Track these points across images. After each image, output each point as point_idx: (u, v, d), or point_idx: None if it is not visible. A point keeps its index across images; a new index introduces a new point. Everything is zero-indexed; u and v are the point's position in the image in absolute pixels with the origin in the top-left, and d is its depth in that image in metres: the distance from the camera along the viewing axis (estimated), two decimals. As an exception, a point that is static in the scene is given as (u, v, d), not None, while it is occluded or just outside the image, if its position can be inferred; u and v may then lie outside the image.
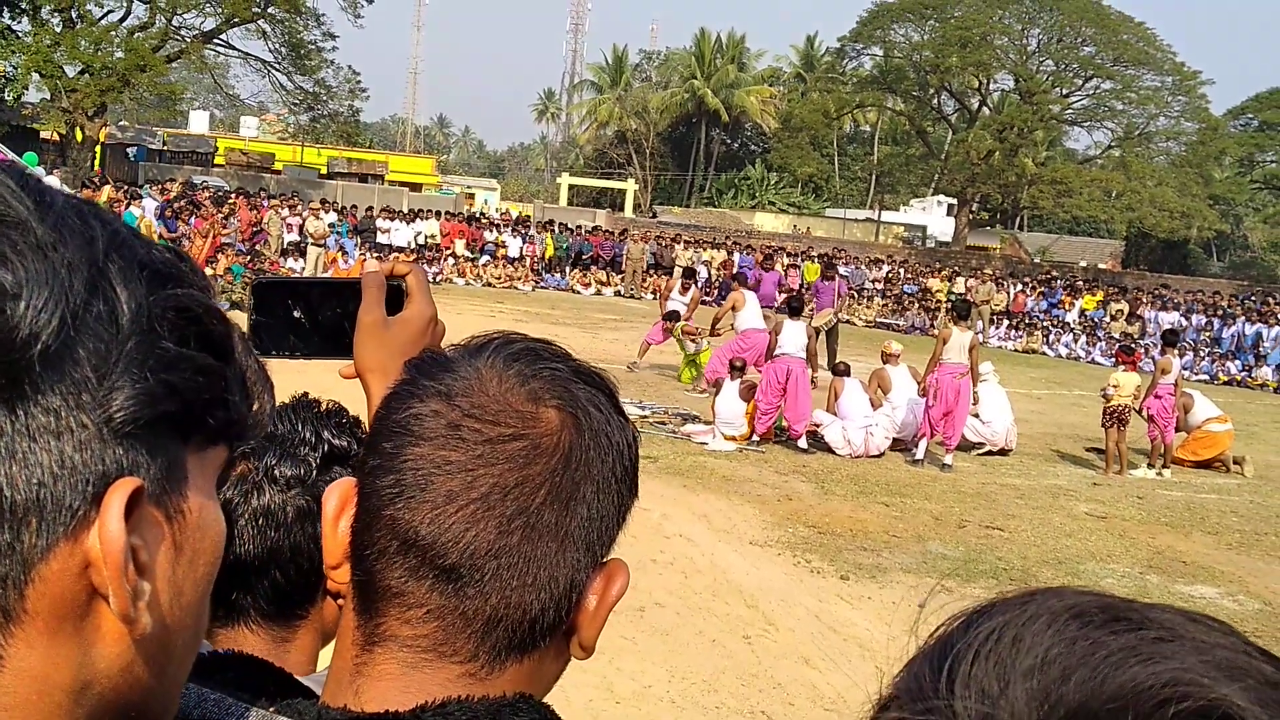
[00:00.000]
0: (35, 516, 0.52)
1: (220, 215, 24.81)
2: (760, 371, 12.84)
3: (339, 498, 0.88)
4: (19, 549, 0.52)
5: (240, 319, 0.72)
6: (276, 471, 1.39)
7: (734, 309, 15.35)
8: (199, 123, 53.65)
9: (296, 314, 1.23)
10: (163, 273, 0.58)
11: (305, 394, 1.51)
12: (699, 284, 17.39)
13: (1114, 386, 13.03)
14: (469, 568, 0.80)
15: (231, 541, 1.37)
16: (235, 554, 1.37)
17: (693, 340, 16.46)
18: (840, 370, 13.25)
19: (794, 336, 12.58)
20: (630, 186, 61.14)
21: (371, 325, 1.18)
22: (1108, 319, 30.70)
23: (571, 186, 61.43)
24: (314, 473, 1.40)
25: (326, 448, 1.43)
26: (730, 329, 15.55)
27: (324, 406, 1.49)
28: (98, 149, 37.10)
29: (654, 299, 18.78)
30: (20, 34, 33.63)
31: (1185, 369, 16.88)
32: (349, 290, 1.22)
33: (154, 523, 0.57)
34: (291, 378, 1.16)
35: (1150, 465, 13.30)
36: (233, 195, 30.11)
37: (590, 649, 0.88)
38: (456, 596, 0.81)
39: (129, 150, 41.78)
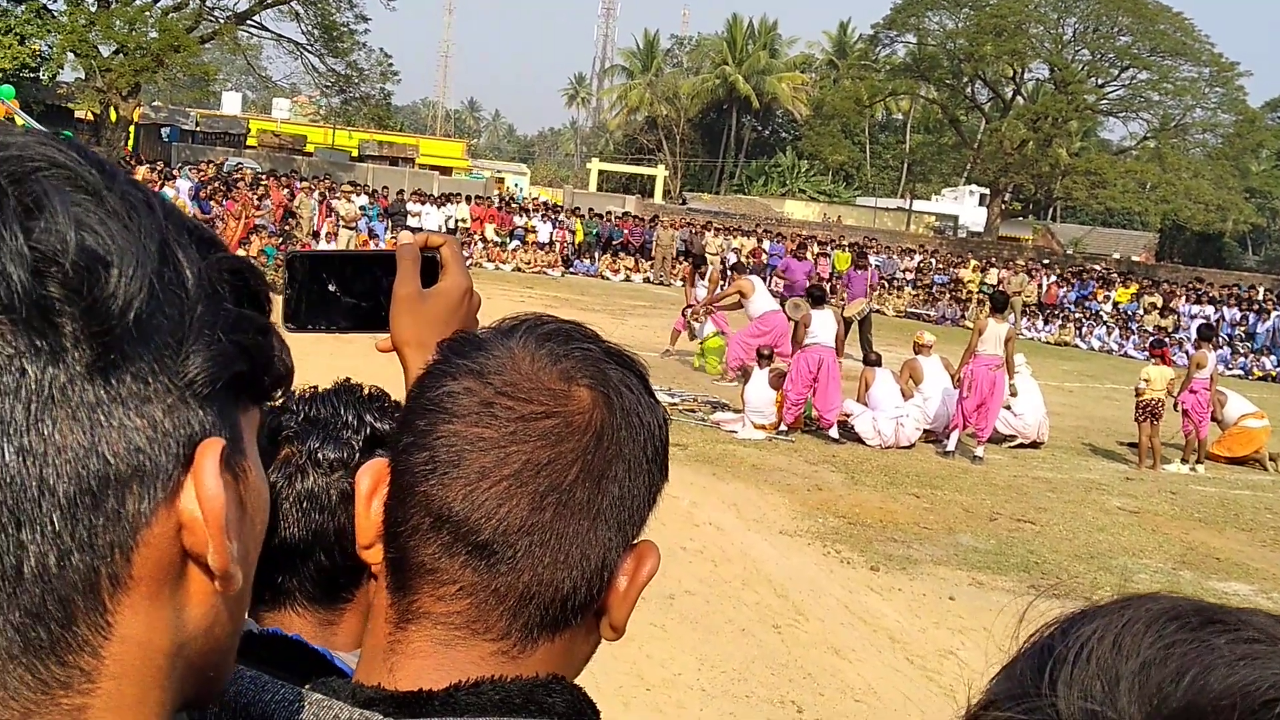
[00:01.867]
0: (137, 481, 0.53)
1: (254, 197, 24.91)
2: (782, 357, 12.83)
3: (372, 477, 0.88)
4: (124, 515, 0.53)
5: (276, 300, 0.71)
6: (320, 455, 1.39)
7: (743, 295, 15.32)
8: (232, 104, 53.88)
9: (331, 288, 1.21)
10: (206, 238, 0.60)
11: (348, 379, 1.50)
12: (710, 267, 17.28)
13: (1145, 380, 12.92)
14: (501, 544, 0.81)
15: (277, 525, 1.37)
16: (280, 538, 1.37)
17: (698, 322, 16.42)
18: (872, 360, 13.17)
19: (824, 326, 12.53)
20: (660, 172, 61.08)
21: (407, 298, 1.18)
22: (1141, 312, 30.44)
23: (601, 172, 61.44)
24: (357, 456, 1.40)
25: (369, 431, 1.43)
26: (745, 317, 15.53)
27: (366, 391, 1.49)
28: (131, 129, 37.33)
29: (683, 285, 18.77)
30: (56, 13, 33.87)
31: (1220, 364, 16.71)
32: (384, 263, 1.21)
33: (228, 482, 0.58)
34: (329, 353, 1.15)
35: (1184, 460, 13.19)
36: (265, 177, 30.24)
37: (621, 630, 0.88)
38: (489, 573, 0.81)
39: (162, 131, 42.01)
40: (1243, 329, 28.94)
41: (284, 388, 0.64)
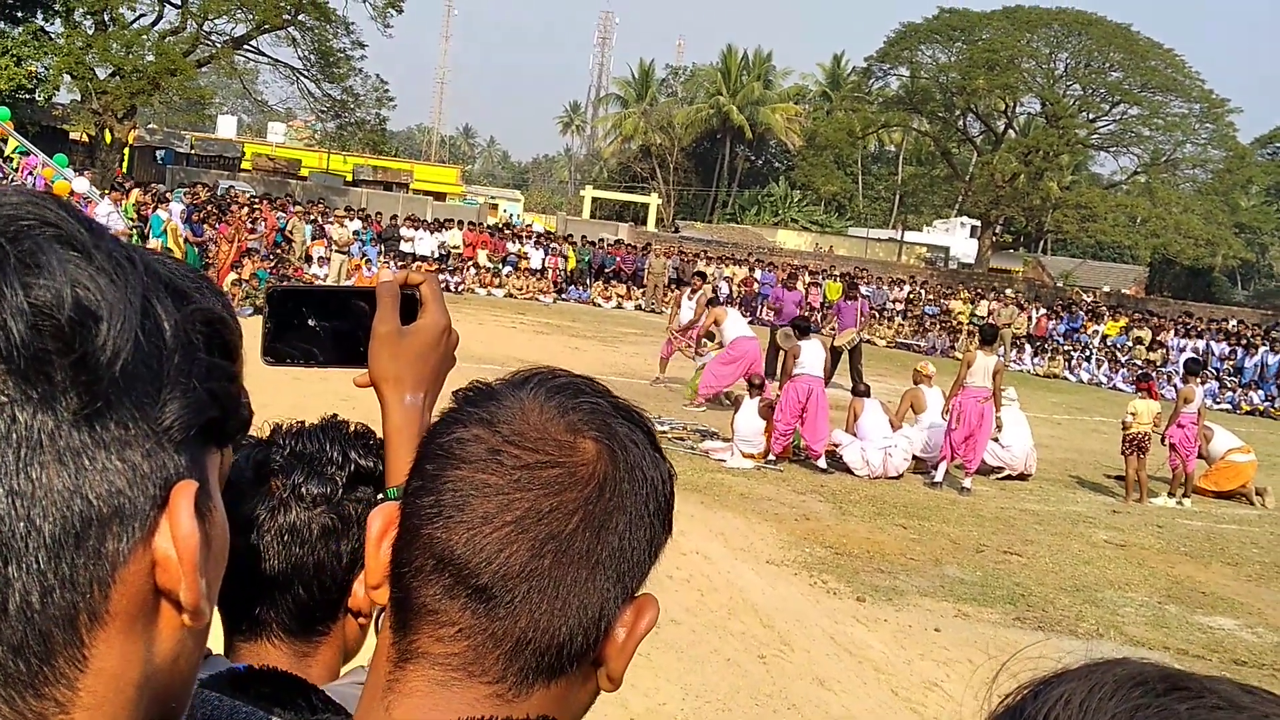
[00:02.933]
0: (117, 522, 0.56)
1: (247, 220, 24.93)
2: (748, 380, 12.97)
3: (384, 520, 0.90)
4: (104, 554, 0.56)
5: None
6: (304, 489, 1.41)
7: (716, 323, 15.52)
8: (227, 128, 54.05)
9: (311, 323, 1.24)
10: (181, 288, 0.62)
11: (334, 415, 1.52)
12: (700, 290, 17.39)
13: (1132, 414, 12.97)
14: (500, 589, 0.82)
15: (258, 557, 1.39)
16: (261, 570, 1.39)
17: (698, 355, 16.50)
18: (860, 391, 13.20)
19: (813, 356, 12.57)
20: (653, 201, 61.28)
21: (386, 335, 1.20)
22: (1130, 345, 30.55)
23: (595, 199, 61.63)
24: (340, 491, 1.42)
25: (353, 467, 1.44)
26: (717, 344, 15.66)
27: (352, 428, 1.51)
28: (126, 151, 37.40)
29: (670, 312, 18.94)
30: (53, 35, 33.97)
31: (1208, 398, 16.77)
32: (364, 300, 1.23)
33: (198, 523, 0.60)
34: (313, 386, 1.18)
35: (1171, 494, 13.22)
36: (259, 201, 30.28)
37: (618, 682, 0.89)
38: (487, 617, 0.83)
39: (157, 153, 42.13)
40: (1231, 363, 29.06)
41: (245, 432, 0.67)
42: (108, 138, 34.74)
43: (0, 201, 0.57)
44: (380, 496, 1.34)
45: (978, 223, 50.01)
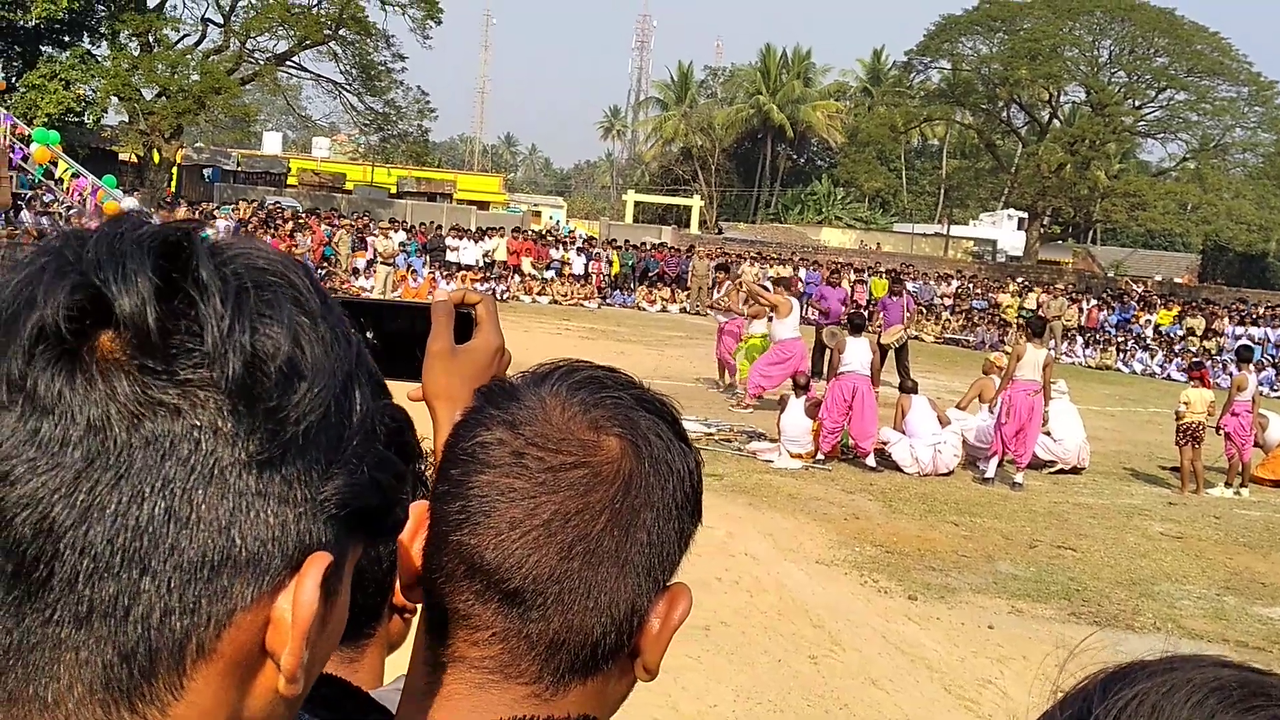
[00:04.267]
0: (251, 569, 0.59)
1: (290, 234, 25.23)
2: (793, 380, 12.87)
3: (414, 520, 0.90)
4: (230, 594, 0.58)
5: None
6: None
7: (777, 312, 15.20)
8: (272, 144, 54.68)
9: (368, 334, 1.24)
10: (380, 384, 0.67)
11: None
12: (732, 276, 17.08)
13: (1185, 403, 12.79)
14: (532, 592, 0.82)
15: None
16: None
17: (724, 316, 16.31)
18: (908, 388, 13.11)
19: (858, 353, 12.51)
20: (696, 203, 61.24)
21: (440, 353, 1.21)
22: (1183, 334, 30.11)
23: (637, 203, 61.67)
24: None
25: None
26: (764, 338, 15.40)
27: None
28: (174, 170, 37.97)
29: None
30: (99, 58, 34.57)
31: (1264, 385, 16.50)
32: (420, 315, 1.24)
33: (321, 599, 0.62)
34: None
35: (1228, 484, 13.02)
36: (305, 215, 30.61)
37: (654, 672, 0.89)
38: (520, 620, 0.83)
39: (204, 171, 42.70)
40: (1288, 349, 28.54)
41: (395, 535, 0.71)
42: (155, 157, 35.29)
43: (257, 252, 0.61)
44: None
45: (1025, 215, 49.49)
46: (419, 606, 0.92)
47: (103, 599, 0.55)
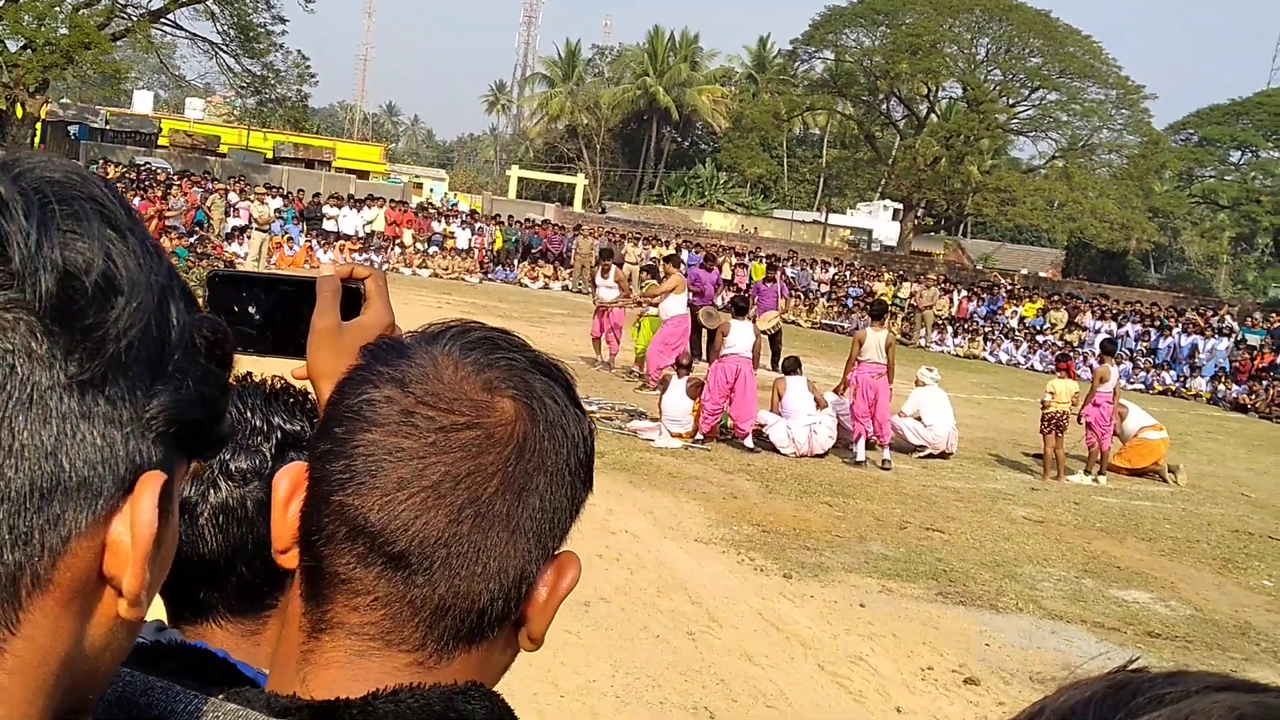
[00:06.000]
0: (82, 494, 0.56)
1: (160, 196, 24.45)
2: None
3: (290, 481, 0.87)
4: (63, 522, 0.56)
5: None
6: (232, 466, 1.35)
7: (674, 291, 15.47)
8: (143, 103, 52.75)
9: (251, 309, 1.21)
10: (191, 298, 0.65)
11: (248, 374, 1.43)
12: (619, 265, 17.09)
13: (1050, 393, 13.25)
14: (418, 556, 0.80)
15: (196, 541, 1.34)
16: (200, 553, 1.34)
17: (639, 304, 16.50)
18: (787, 368, 13.33)
19: (742, 336, 12.67)
20: (580, 181, 61.09)
21: (325, 331, 1.16)
22: (1047, 326, 31.16)
23: (521, 179, 61.27)
24: (269, 463, 1.36)
25: (279, 435, 1.39)
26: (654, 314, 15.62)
27: (270, 386, 1.44)
28: (38, 126, 36.41)
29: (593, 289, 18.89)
30: (-39, 7, 32.93)
31: (1122, 378, 17.18)
32: (306, 290, 1.19)
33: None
34: (246, 368, 1.15)
35: (1087, 472, 13.53)
36: (177, 178, 29.68)
37: (539, 641, 0.88)
38: (405, 584, 0.81)
39: (70, 129, 41.05)
40: (1145, 344, 29.78)
41: (219, 449, 0.68)
42: (19, 112, 33.75)
43: (52, 165, 0.59)
44: None
45: (900, 206, 50.60)
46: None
47: None
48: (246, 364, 1.09)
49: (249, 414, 1.39)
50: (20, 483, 0.54)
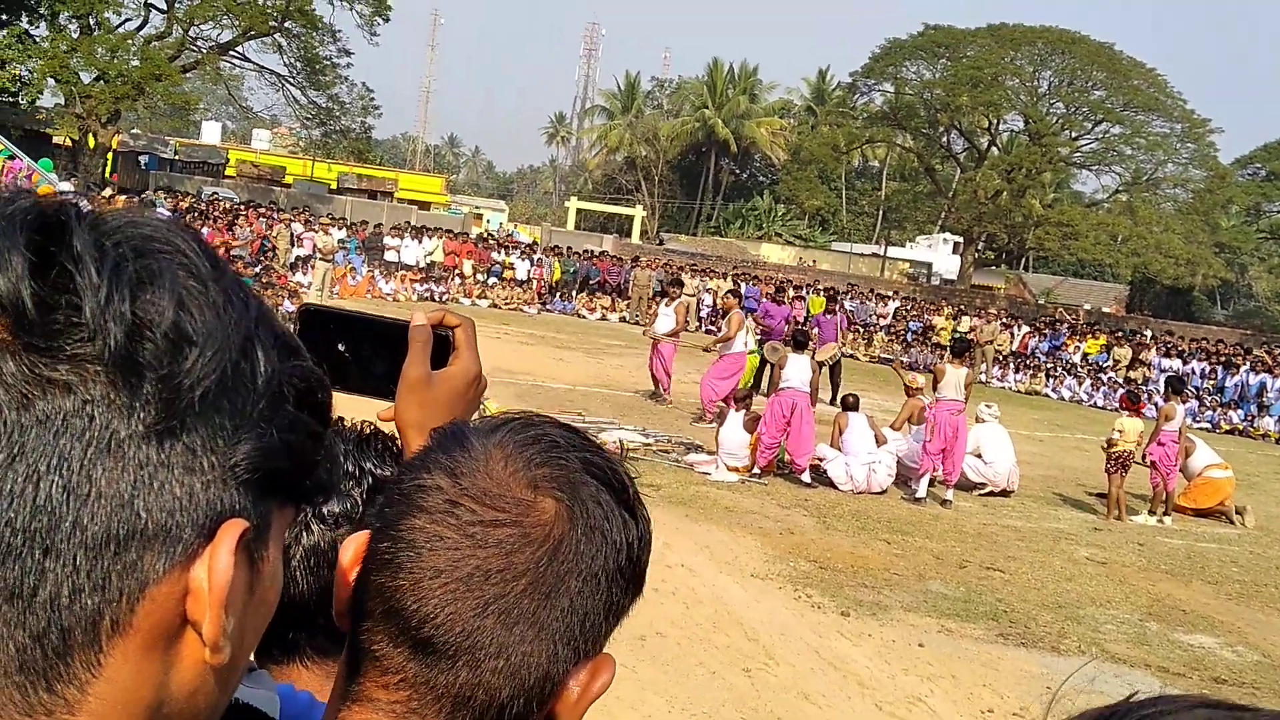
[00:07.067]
0: (160, 541, 0.58)
1: (227, 226, 24.89)
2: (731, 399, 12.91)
3: (354, 551, 0.89)
4: (141, 568, 0.57)
5: None
6: (324, 510, 1.39)
7: (728, 325, 15.49)
8: (211, 133, 53.92)
9: (340, 347, 1.22)
10: (290, 345, 0.66)
11: (340, 420, 1.45)
12: (669, 299, 17.06)
13: (1119, 432, 13.02)
14: (443, 644, 0.82)
15: (287, 584, 1.35)
16: (290, 595, 1.36)
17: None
18: (848, 405, 13.23)
19: (798, 370, 12.62)
20: (638, 213, 61.37)
21: (415, 381, 1.18)
22: (1111, 363, 30.72)
23: (579, 210, 61.70)
24: (360, 508, 1.39)
25: (371, 479, 1.42)
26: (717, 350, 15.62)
27: (361, 432, 1.47)
28: (109, 156, 37.28)
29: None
30: (37, 39, 33.86)
31: (1188, 416, 16.88)
32: (397, 334, 1.21)
33: (242, 566, 0.62)
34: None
35: (1151, 512, 13.29)
36: (243, 207, 30.21)
37: None
38: (430, 669, 0.82)
39: (140, 158, 41.96)
40: (1211, 382, 29.24)
41: (324, 495, 0.69)
42: (91, 142, 34.63)
43: (141, 221, 0.60)
44: None
45: (960, 239, 50.28)
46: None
47: (7, 582, 0.55)
48: (336, 405, 1.10)
49: (342, 459, 1.42)
50: (97, 530, 0.56)
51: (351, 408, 1.31)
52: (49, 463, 0.55)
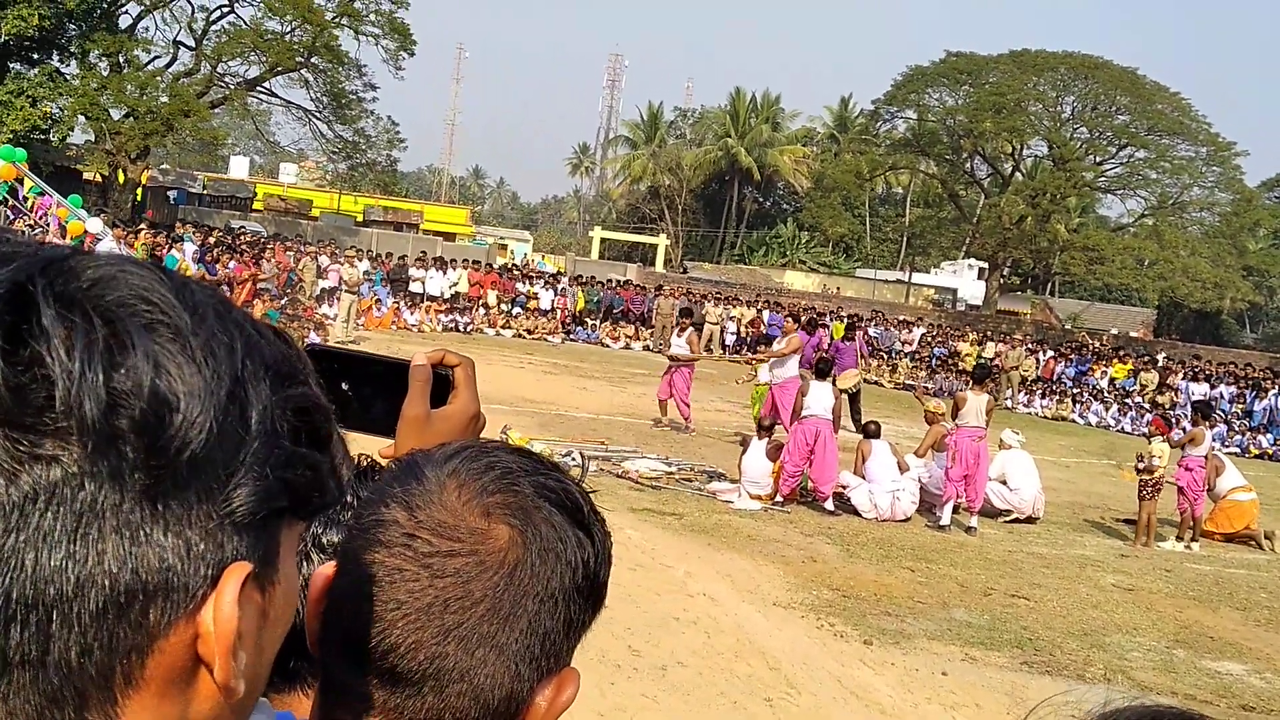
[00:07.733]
0: (163, 596, 0.59)
1: (253, 259, 25.12)
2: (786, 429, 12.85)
3: (321, 584, 0.92)
4: (145, 625, 0.58)
5: None
6: (324, 540, 1.41)
7: (790, 350, 15.35)
8: (239, 168, 54.44)
9: (344, 386, 1.26)
10: (282, 371, 0.65)
11: None
12: (699, 326, 16.97)
13: (1158, 457, 12.87)
14: (408, 672, 0.85)
15: None
16: (292, 624, 1.40)
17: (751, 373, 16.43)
18: (870, 432, 13.21)
19: (821, 398, 12.61)
20: (662, 241, 61.49)
21: (414, 419, 1.21)
22: (1138, 388, 30.50)
23: (603, 240, 61.93)
24: None
25: None
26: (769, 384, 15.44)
27: (361, 464, 1.48)
28: (139, 192, 37.72)
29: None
30: (68, 77, 34.35)
31: (1216, 441, 16.75)
32: (398, 373, 1.25)
33: (252, 597, 0.63)
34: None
35: (1179, 538, 13.18)
36: (269, 241, 30.49)
37: None
38: (397, 696, 0.86)
39: (169, 194, 42.43)
40: (1240, 406, 28.99)
41: (336, 507, 0.72)
42: (120, 178, 35.07)
43: (110, 278, 0.59)
44: None
45: (985, 265, 50.08)
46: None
47: (16, 650, 0.55)
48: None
49: (345, 474, 1.44)
50: (99, 593, 0.56)
51: (352, 443, 1.35)
52: (44, 534, 0.55)
